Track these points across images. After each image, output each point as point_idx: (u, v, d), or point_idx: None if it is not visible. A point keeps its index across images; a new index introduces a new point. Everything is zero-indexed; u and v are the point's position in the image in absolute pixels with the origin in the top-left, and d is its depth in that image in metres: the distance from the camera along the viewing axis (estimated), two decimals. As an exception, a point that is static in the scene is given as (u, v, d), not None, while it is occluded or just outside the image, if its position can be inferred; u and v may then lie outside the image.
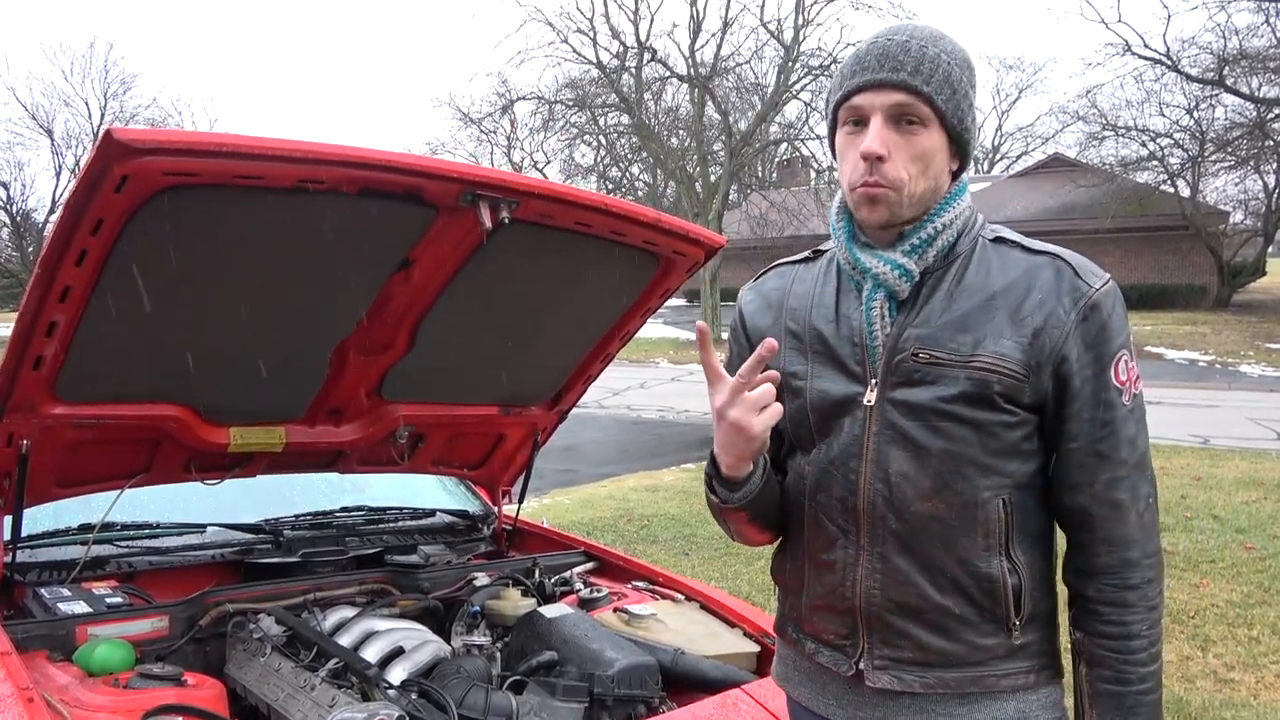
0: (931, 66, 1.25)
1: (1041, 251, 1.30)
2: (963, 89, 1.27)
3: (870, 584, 1.31)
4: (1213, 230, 24.40)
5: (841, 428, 1.33)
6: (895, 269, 1.29)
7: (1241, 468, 8.65)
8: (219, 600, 2.15)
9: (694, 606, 2.43)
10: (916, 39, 1.26)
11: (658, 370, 19.56)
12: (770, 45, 24.28)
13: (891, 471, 1.29)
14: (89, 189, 1.55)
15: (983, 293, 1.28)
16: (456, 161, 1.99)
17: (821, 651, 1.39)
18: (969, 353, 1.25)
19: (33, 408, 1.91)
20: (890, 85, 1.25)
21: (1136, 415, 1.28)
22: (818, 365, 1.36)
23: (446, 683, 1.85)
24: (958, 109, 1.26)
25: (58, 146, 32.98)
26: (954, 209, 1.31)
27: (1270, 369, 17.36)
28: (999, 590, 1.27)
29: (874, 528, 1.30)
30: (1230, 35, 20.84)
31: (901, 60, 1.25)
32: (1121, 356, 1.26)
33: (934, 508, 1.27)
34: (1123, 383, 1.26)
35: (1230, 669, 4.02)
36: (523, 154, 29.45)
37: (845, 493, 1.32)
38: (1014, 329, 1.25)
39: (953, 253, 1.31)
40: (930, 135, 1.26)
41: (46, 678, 1.78)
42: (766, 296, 1.47)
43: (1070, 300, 1.24)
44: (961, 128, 1.28)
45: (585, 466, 9.08)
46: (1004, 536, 1.28)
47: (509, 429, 2.67)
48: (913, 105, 1.25)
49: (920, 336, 1.28)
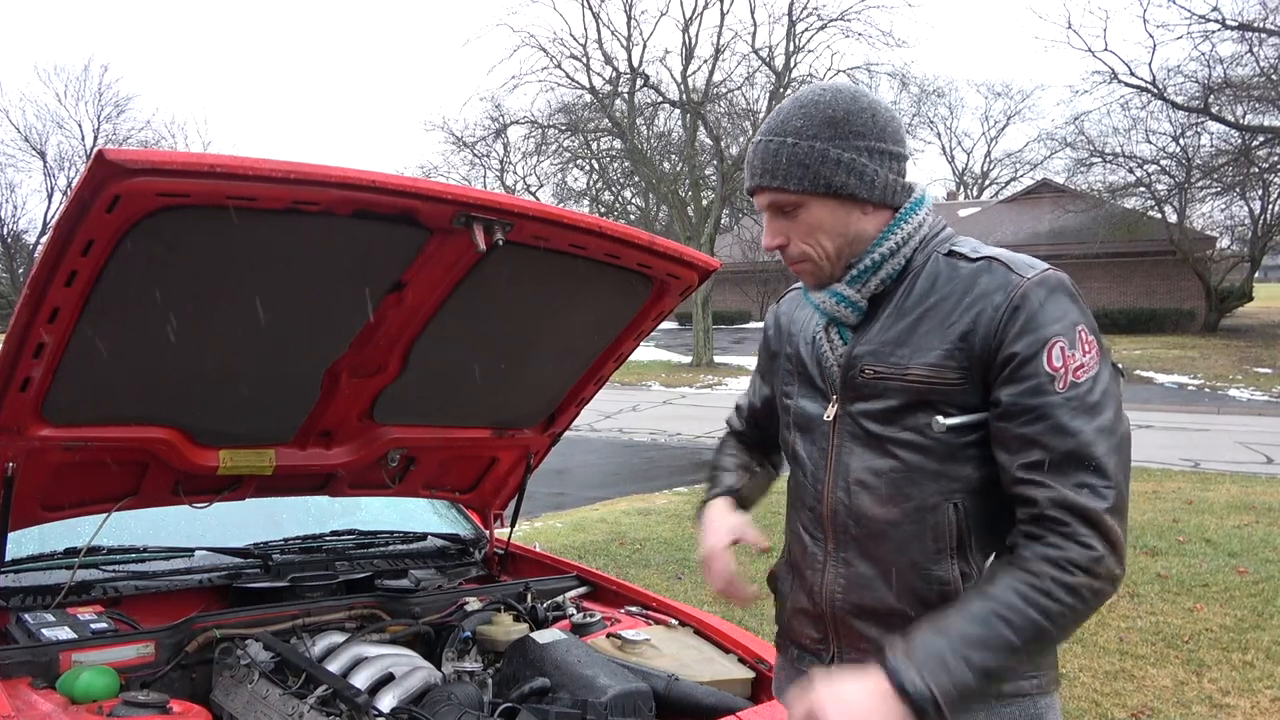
0: (775, 160, 1.35)
1: (981, 257, 1.34)
2: (817, 156, 1.33)
3: (835, 589, 1.41)
4: (1200, 255, 24.62)
5: (813, 441, 1.45)
6: (835, 298, 1.40)
7: (1233, 491, 8.67)
8: (206, 626, 2.11)
9: (688, 631, 2.41)
10: (766, 135, 1.37)
11: (650, 393, 19.55)
12: (762, 71, 24.53)
13: (851, 480, 1.38)
14: (80, 209, 1.54)
15: (921, 307, 1.34)
16: (450, 183, 1.99)
17: (803, 657, 1.50)
18: (905, 365, 1.33)
19: (19, 430, 1.89)
20: (757, 190, 1.39)
21: (1075, 404, 1.23)
22: (800, 385, 1.49)
23: (437, 710, 1.82)
24: (818, 178, 1.33)
25: (50, 169, 33.05)
26: (897, 234, 1.37)
27: (1259, 393, 17.45)
28: (952, 594, 1.30)
29: (838, 534, 1.40)
30: (1215, 64, 21.17)
31: (756, 165, 1.38)
32: (1057, 343, 1.24)
33: (888, 513, 1.34)
34: (1056, 369, 1.24)
35: (1225, 694, 4.01)
36: (515, 178, 29.62)
37: (814, 502, 1.44)
38: (942, 337, 1.31)
39: (906, 270, 1.38)
40: (810, 211, 1.36)
41: (29, 705, 1.74)
42: (778, 320, 1.61)
43: (1001, 295, 1.28)
44: (833, 189, 1.34)
45: (577, 490, 9.04)
46: (956, 540, 1.32)
47: (501, 452, 2.65)
48: (777, 199, 1.37)
49: (868, 353, 1.37)
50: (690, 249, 2.25)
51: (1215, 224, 28.21)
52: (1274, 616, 4.98)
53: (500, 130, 26.56)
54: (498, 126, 26.41)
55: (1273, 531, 6.92)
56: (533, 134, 25.74)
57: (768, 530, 1.57)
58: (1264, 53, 20.43)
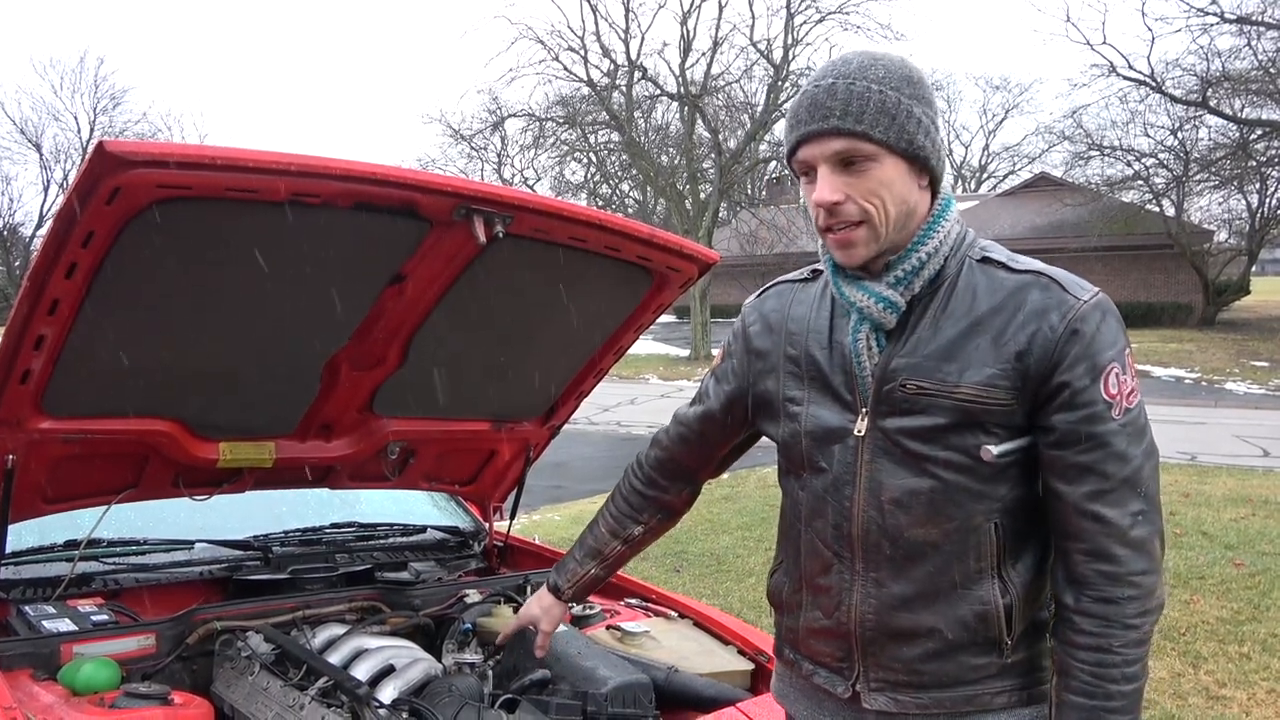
0: (861, 103, 1.23)
1: (1026, 270, 1.28)
2: (904, 110, 1.24)
3: (865, 609, 1.33)
4: (1198, 249, 24.63)
5: (834, 455, 1.34)
6: (879, 301, 1.29)
7: (1229, 485, 8.68)
8: (207, 618, 2.12)
9: (687, 624, 2.41)
10: (843, 78, 1.25)
11: (648, 386, 19.55)
12: (760, 64, 24.49)
13: (885, 499, 1.30)
14: (80, 201, 1.54)
15: (967, 318, 1.27)
16: (450, 175, 1.98)
17: (818, 672, 1.41)
18: (955, 382, 1.25)
19: (19, 422, 1.89)
20: (825, 134, 1.25)
21: (1130, 430, 1.24)
22: (814, 392, 1.38)
23: (438, 701, 1.83)
24: (903, 132, 1.24)
25: (46, 161, 32.94)
26: (939, 232, 1.29)
27: (1256, 386, 17.47)
28: (991, 613, 1.28)
29: (869, 553, 1.32)
30: (1213, 57, 21.13)
31: (830, 106, 1.24)
32: (1112, 369, 1.23)
33: (927, 533, 1.28)
34: (1113, 396, 1.23)
35: (1221, 686, 4.02)
36: (513, 171, 29.55)
37: (840, 519, 1.34)
38: (997, 355, 1.24)
39: (940, 276, 1.30)
40: (882, 167, 1.25)
41: (30, 697, 1.75)
42: (767, 318, 1.48)
43: (1057, 316, 1.23)
44: (914, 148, 1.25)
45: (575, 483, 9.04)
46: (996, 558, 1.29)
47: (501, 445, 2.65)
48: (852, 147, 1.24)
49: (908, 366, 1.28)
50: (690, 241, 2.25)
51: (1213, 218, 28.23)
52: (1270, 609, 5.00)
53: (498, 123, 26.50)
54: (495, 119, 26.34)
55: (1269, 524, 6.94)
56: (530, 127, 25.69)
57: (756, 540, 1.57)
58: (1262, 46, 20.42)
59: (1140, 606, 1.24)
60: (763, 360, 1.46)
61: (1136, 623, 1.24)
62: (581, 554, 1.76)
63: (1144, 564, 1.24)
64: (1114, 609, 1.23)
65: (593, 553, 1.74)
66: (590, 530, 1.76)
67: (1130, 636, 1.23)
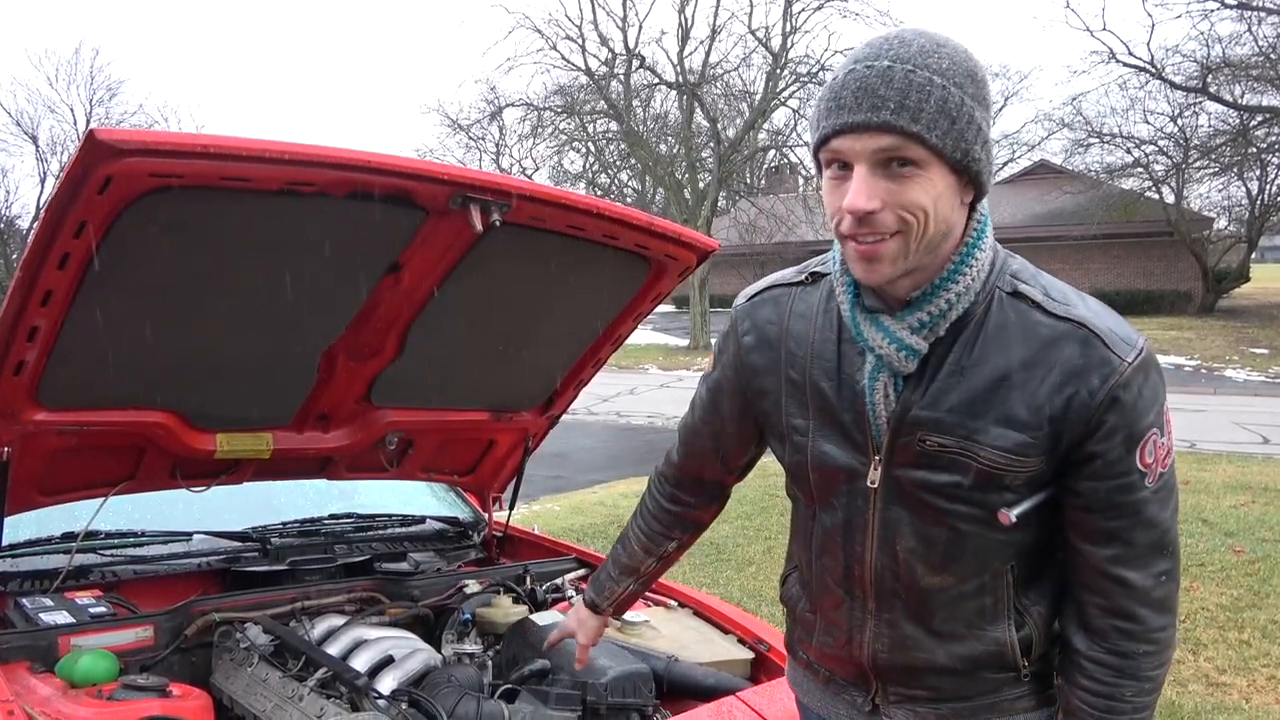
0: (921, 97, 1.04)
1: (1065, 318, 1.14)
2: (965, 113, 1.06)
3: (879, 646, 1.31)
4: (1197, 236, 24.58)
5: (843, 495, 1.27)
6: (900, 349, 1.15)
7: (1229, 472, 8.69)
8: (205, 609, 2.11)
9: (687, 613, 2.41)
10: (902, 62, 1.05)
11: (647, 376, 19.54)
12: (758, 53, 24.37)
13: (899, 549, 1.24)
14: (72, 190, 1.52)
15: (995, 370, 1.14)
16: (447, 163, 1.97)
17: (835, 680, 1.41)
18: (980, 442, 1.15)
19: (14, 414, 1.88)
20: (873, 128, 1.05)
21: (1161, 495, 1.17)
22: (820, 424, 1.26)
23: (437, 692, 1.82)
24: (960, 140, 1.06)
25: (42, 153, 32.79)
26: (973, 266, 1.14)
27: (1255, 373, 17.47)
28: (1006, 652, 1.26)
29: (881, 597, 1.28)
30: (1213, 43, 21.03)
31: (884, 95, 1.05)
32: (1151, 437, 1.14)
33: (943, 580, 1.24)
34: (1148, 465, 1.15)
35: (1221, 672, 4.03)
36: (511, 160, 29.47)
37: (850, 562, 1.29)
38: (1028, 418, 1.13)
39: (968, 315, 1.16)
40: (929, 178, 1.07)
41: (28, 690, 1.74)
42: (763, 330, 1.32)
43: (1098, 380, 1.11)
44: (968, 160, 1.08)
45: (575, 473, 9.04)
46: (1012, 602, 1.26)
47: (500, 435, 2.64)
48: (902, 148, 1.06)
49: (929, 421, 1.17)
50: (688, 230, 2.24)
51: (1213, 205, 28.16)
52: (1270, 595, 5.00)
53: (495, 113, 26.41)
54: (493, 109, 26.26)
55: (1269, 511, 6.94)
56: (528, 116, 25.60)
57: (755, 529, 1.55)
58: (1263, 32, 20.31)
59: (1156, 660, 1.21)
60: (760, 378, 1.33)
61: (1151, 675, 1.21)
62: (617, 572, 1.68)
63: (1164, 620, 1.20)
64: (1129, 663, 1.20)
65: (628, 570, 1.67)
66: (622, 546, 1.67)
67: (1143, 687, 1.20)
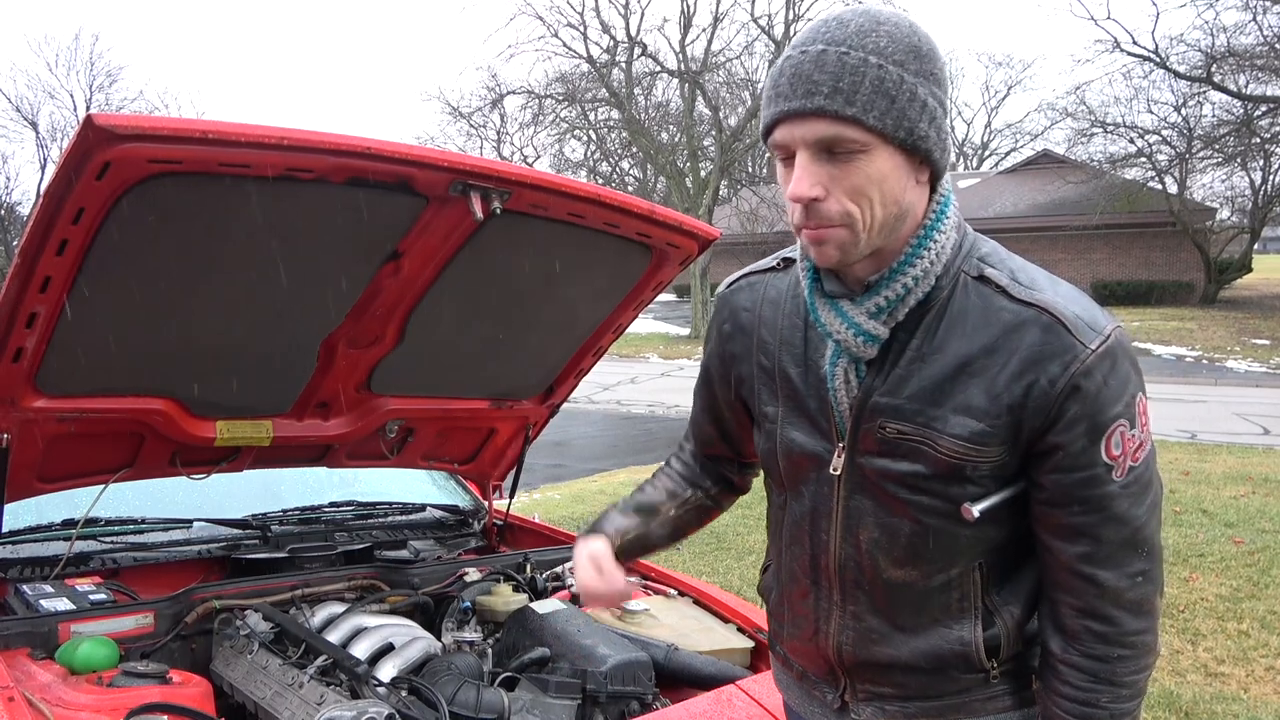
0: (855, 79, 1.02)
1: (1027, 302, 1.11)
2: (906, 90, 1.04)
3: (843, 639, 1.28)
4: (1200, 227, 24.52)
5: (810, 482, 1.25)
6: (858, 334, 1.14)
7: (1229, 463, 8.69)
8: (205, 596, 2.11)
9: (687, 602, 2.41)
10: (836, 45, 1.03)
11: (648, 365, 19.54)
12: (761, 40, 24.30)
13: (862, 538, 1.22)
14: (70, 176, 1.51)
15: (956, 356, 1.12)
16: (447, 150, 1.96)
17: (808, 676, 1.39)
18: (939, 430, 1.13)
19: (13, 401, 1.87)
20: (808, 114, 1.03)
21: (1133, 491, 1.12)
22: (788, 411, 1.26)
23: (437, 679, 1.82)
24: (902, 119, 1.04)
25: (43, 139, 32.75)
26: (932, 246, 1.12)
27: (1256, 364, 17.46)
28: (972, 652, 1.23)
29: (845, 588, 1.26)
30: (1218, 33, 20.97)
31: (817, 80, 1.03)
32: (1118, 428, 1.10)
33: (906, 574, 1.21)
34: (1115, 457, 1.10)
35: (1220, 662, 4.04)
36: (512, 148, 29.43)
37: (816, 551, 1.27)
38: (987, 406, 1.11)
39: (930, 298, 1.14)
40: (873, 160, 1.05)
41: (28, 676, 1.74)
42: (738, 319, 1.33)
43: (1058, 367, 1.08)
44: (914, 138, 1.06)
45: (575, 462, 9.06)
46: (979, 596, 1.22)
47: (500, 423, 2.64)
48: (840, 133, 1.04)
49: (888, 407, 1.15)
50: (690, 218, 2.23)
51: (1215, 195, 28.10)
52: (1269, 586, 5.01)
53: (497, 100, 26.38)
54: (494, 97, 26.22)
55: (1269, 502, 6.94)
56: (529, 104, 25.58)
57: (756, 518, 1.54)
58: (1267, 21, 20.25)
59: (1134, 665, 1.16)
60: (738, 365, 1.33)
61: (1129, 680, 1.16)
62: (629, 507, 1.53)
63: (1141, 624, 1.15)
64: (1104, 667, 1.15)
65: (642, 506, 1.52)
66: (640, 490, 1.55)
67: (1121, 693, 1.16)
